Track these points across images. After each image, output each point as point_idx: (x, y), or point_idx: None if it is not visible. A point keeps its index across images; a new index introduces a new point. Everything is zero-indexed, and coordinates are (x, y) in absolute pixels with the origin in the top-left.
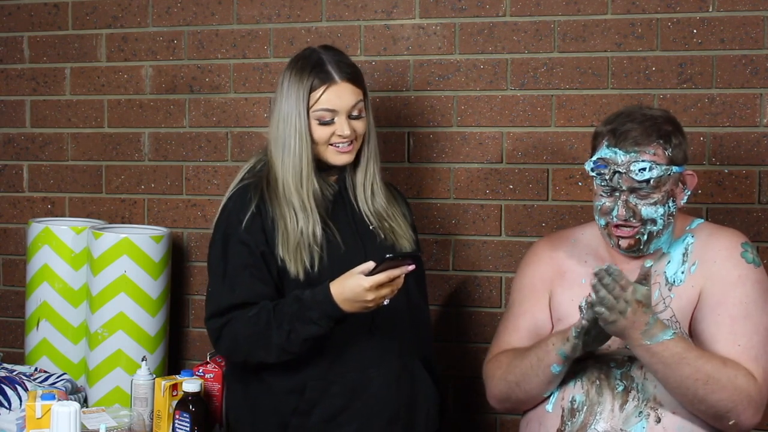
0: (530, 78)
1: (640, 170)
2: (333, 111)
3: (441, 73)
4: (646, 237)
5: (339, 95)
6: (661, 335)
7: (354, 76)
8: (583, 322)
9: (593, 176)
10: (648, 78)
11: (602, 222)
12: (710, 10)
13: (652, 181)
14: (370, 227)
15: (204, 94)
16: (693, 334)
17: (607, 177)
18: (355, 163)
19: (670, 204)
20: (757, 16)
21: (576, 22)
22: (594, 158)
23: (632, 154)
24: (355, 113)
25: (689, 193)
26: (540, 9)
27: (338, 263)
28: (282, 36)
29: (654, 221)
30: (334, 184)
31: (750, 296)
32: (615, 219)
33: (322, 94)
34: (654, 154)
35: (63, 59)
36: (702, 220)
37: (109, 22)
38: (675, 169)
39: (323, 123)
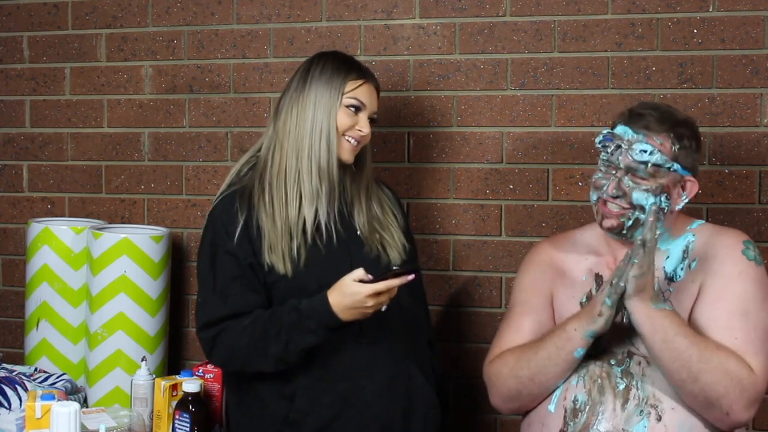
0: (530, 78)
1: (641, 151)
2: (363, 104)
3: (441, 73)
4: (631, 222)
5: (370, 94)
6: (662, 304)
7: (378, 88)
8: (621, 283)
9: (599, 149)
10: (648, 78)
11: (594, 197)
12: (710, 10)
13: (649, 167)
14: (357, 233)
15: (204, 94)
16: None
17: (609, 150)
18: (355, 169)
19: (663, 199)
20: (757, 16)
21: (576, 22)
22: (605, 131)
23: (640, 135)
24: (372, 117)
25: (686, 200)
26: (540, 9)
27: (323, 264)
28: (282, 36)
29: (643, 209)
30: None
31: (750, 293)
32: (605, 194)
33: (359, 86)
34: (661, 144)
35: (63, 59)
36: (703, 221)
37: (109, 22)
38: (676, 167)
39: (354, 109)
